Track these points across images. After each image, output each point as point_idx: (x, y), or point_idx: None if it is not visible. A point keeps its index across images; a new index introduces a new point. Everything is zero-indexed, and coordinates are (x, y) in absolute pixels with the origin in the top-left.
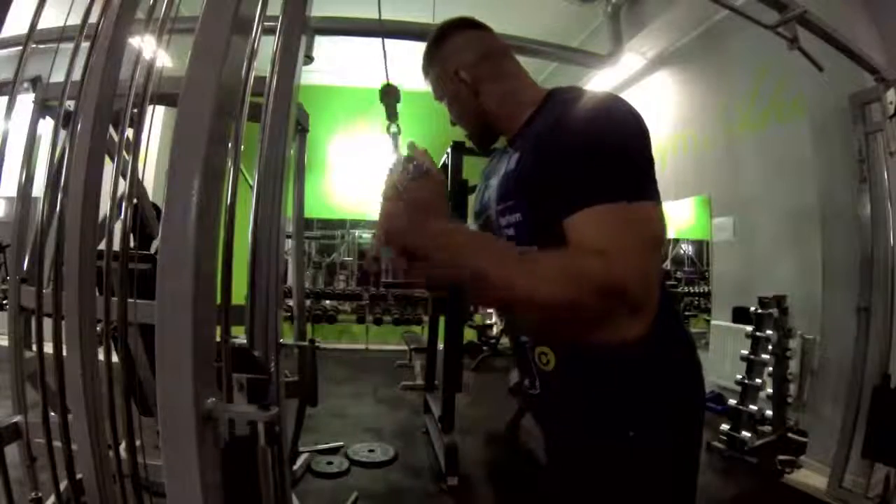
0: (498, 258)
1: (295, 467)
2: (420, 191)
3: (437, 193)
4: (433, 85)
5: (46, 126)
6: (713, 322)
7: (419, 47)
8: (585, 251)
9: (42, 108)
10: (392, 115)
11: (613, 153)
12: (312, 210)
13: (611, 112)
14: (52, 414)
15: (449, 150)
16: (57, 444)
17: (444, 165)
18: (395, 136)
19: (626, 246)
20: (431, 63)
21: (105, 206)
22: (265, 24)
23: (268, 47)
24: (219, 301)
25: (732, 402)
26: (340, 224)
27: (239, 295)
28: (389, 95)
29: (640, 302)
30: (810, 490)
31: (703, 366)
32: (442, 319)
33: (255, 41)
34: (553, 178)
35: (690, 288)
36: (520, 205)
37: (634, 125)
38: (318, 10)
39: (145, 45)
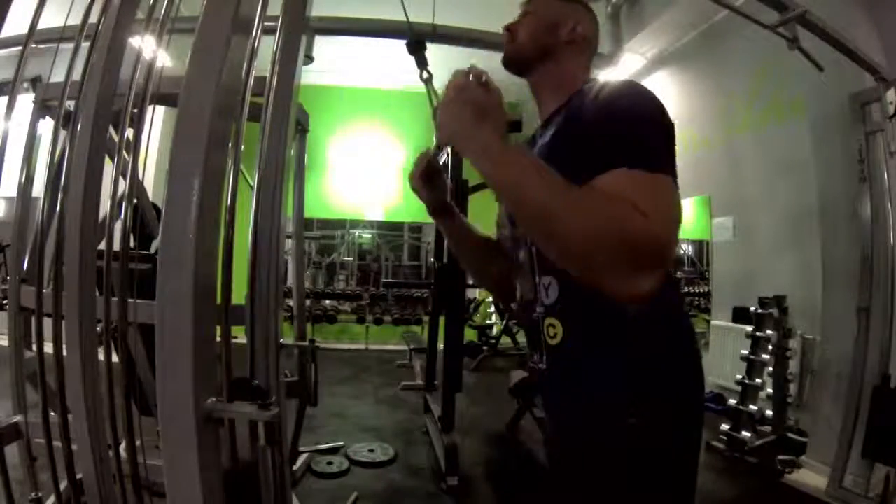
0: (542, 182)
1: (295, 467)
2: (481, 95)
3: (496, 103)
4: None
5: (46, 126)
6: (713, 322)
7: None
8: (630, 204)
9: (42, 108)
10: (422, 64)
11: (646, 122)
12: (312, 210)
13: (642, 91)
14: (52, 414)
15: (448, 149)
16: (57, 444)
17: (445, 165)
18: (428, 82)
19: (661, 209)
20: None
21: (105, 206)
22: (265, 24)
23: (268, 47)
24: (219, 301)
25: (732, 402)
26: (340, 224)
27: (239, 295)
28: (418, 50)
29: (664, 266)
30: (810, 490)
31: (702, 360)
32: (442, 319)
33: (255, 41)
34: (587, 144)
35: (690, 288)
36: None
37: (661, 106)
38: (318, 10)
39: (145, 45)
